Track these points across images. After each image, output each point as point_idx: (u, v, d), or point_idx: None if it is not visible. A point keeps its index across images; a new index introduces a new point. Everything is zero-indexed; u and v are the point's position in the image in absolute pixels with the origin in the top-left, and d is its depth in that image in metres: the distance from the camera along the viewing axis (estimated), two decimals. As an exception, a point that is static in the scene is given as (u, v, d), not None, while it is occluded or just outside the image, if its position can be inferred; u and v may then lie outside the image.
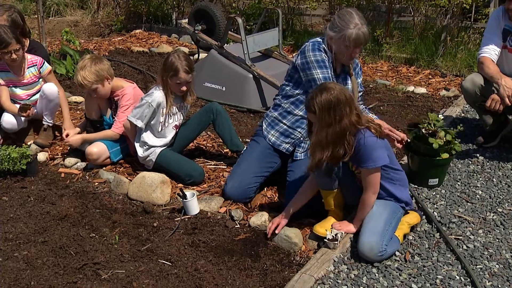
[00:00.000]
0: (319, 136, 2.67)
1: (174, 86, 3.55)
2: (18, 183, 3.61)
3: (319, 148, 2.68)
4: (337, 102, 2.62)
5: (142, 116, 3.55)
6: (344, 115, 2.64)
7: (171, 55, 3.51)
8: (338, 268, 2.70)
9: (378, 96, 5.58)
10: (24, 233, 3.01)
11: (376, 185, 2.79)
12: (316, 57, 3.19)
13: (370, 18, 7.56)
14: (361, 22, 3.08)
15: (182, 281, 2.61)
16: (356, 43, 3.09)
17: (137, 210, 3.30)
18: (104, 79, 3.73)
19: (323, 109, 2.62)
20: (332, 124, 2.63)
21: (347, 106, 2.65)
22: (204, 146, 4.21)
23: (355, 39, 3.07)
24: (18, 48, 3.93)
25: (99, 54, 6.96)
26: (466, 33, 6.78)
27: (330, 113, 2.62)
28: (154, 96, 3.54)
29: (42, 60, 4.17)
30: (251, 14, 8.17)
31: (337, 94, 2.63)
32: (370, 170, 2.74)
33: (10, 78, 4.12)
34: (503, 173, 3.76)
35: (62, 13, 9.87)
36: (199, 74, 5.53)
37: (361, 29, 3.07)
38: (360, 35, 3.07)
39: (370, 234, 2.71)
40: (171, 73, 3.48)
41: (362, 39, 3.09)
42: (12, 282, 2.57)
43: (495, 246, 2.90)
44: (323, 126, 2.65)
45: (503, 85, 3.68)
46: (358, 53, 3.22)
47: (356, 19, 3.07)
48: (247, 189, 3.30)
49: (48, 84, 4.13)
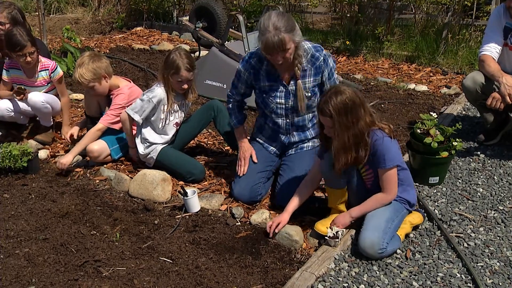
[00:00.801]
0: (341, 140, 2.67)
1: (176, 84, 3.53)
2: (19, 181, 3.61)
3: (343, 152, 2.69)
4: (353, 104, 2.62)
5: (140, 111, 3.55)
6: (360, 117, 2.65)
7: (172, 53, 3.50)
8: (339, 265, 2.70)
9: (379, 94, 5.58)
10: (25, 230, 3.01)
11: (394, 187, 2.79)
12: (238, 68, 3.31)
13: (372, 15, 7.56)
14: (275, 27, 2.85)
15: (183, 278, 2.61)
16: (266, 50, 2.96)
17: (138, 207, 3.30)
18: (101, 77, 3.73)
19: (340, 112, 2.61)
20: (351, 127, 2.64)
21: (361, 108, 2.66)
22: (205, 144, 4.21)
23: (264, 47, 2.95)
24: (33, 51, 3.91)
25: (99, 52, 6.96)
26: (468, 30, 6.77)
27: (348, 116, 2.62)
28: (155, 92, 3.54)
29: (55, 65, 4.15)
30: (252, 12, 8.16)
31: (352, 97, 2.63)
32: (386, 170, 2.74)
33: (20, 76, 4.11)
34: (504, 171, 3.76)
35: (63, 10, 9.87)
36: (200, 72, 5.53)
37: (269, 35, 2.87)
38: (269, 42, 2.88)
39: (372, 230, 2.71)
40: (172, 71, 3.47)
41: (271, 47, 2.89)
42: (13, 279, 2.58)
43: (496, 244, 2.90)
44: (343, 130, 2.65)
45: (504, 83, 3.67)
46: (280, 58, 2.96)
47: (269, 25, 2.87)
48: (254, 187, 3.29)
49: (32, 94, 4.02)
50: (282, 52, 2.93)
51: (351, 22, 7.62)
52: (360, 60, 6.93)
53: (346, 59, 7.01)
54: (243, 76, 3.29)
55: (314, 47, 3.20)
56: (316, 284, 2.54)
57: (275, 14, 2.92)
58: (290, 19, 2.94)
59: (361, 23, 7.55)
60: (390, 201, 2.82)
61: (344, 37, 7.31)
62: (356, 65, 6.77)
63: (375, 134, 2.73)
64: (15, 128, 4.31)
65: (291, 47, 2.94)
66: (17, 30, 3.86)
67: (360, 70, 6.53)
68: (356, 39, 7.23)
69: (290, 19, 2.94)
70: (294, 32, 2.94)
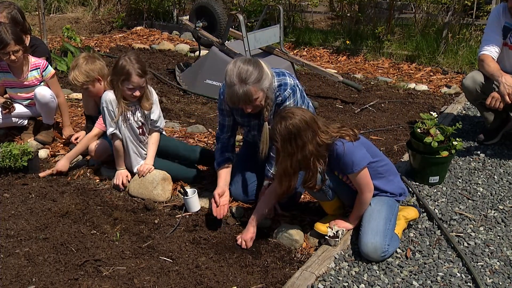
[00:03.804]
0: (283, 166, 2.63)
1: (126, 92, 3.29)
2: (20, 180, 3.61)
3: (285, 177, 2.66)
4: (297, 131, 2.54)
5: (109, 123, 3.38)
6: (306, 142, 2.56)
7: (122, 58, 3.26)
8: (339, 265, 2.70)
9: (379, 93, 5.58)
10: (26, 229, 3.01)
11: (369, 184, 2.77)
12: (218, 102, 3.20)
13: (372, 15, 7.56)
14: (240, 79, 2.76)
15: (183, 278, 2.61)
16: (233, 104, 2.89)
17: (138, 207, 3.30)
18: (94, 80, 3.69)
19: (284, 139, 2.56)
20: (295, 153, 2.57)
21: (308, 132, 2.56)
22: (205, 143, 4.21)
23: (230, 101, 2.89)
24: (18, 50, 3.86)
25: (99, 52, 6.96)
26: (468, 30, 6.77)
27: (292, 143, 2.56)
28: (104, 97, 3.35)
29: (45, 64, 4.11)
30: (252, 11, 8.16)
31: (297, 122, 2.54)
32: (358, 173, 2.70)
33: (9, 79, 4.08)
34: (504, 170, 3.76)
35: (63, 10, 9.86)
36: (200, 71, 5.53)
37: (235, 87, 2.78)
38: (234, 96, 2.80)
39: (373, 235, 2.71)
40: (122, 77, 3.23)
41: (237, 101, 2.82)
42: (13, 279, 2.58)
43: (496, 243, 2.90)
44: (285, 156, 2.60)
45: (504, 82, 3.67)
46: (250, 107, 2.87)
47: (234, 78, 2.77)
48: (249, 186, 3.29)
49: (40, 88, 4.04)
50: (249, 103, 2.84)
51: (351, 21, 7.62)
52: (360, 59, 6.93)
53: (346, 58, 7.01)
54: (224, 109, 3.14)
55: (279, 86, 3.01)
56: (316, 283, 2.55)
57: (241, 63, 2.81)
58: (256, 67, 2.80)
59: (361, 23, 7.55)
60: (371, 196, 2.80)
61: (344, 37, 7.31)
62: (356, 64, 6.77)
63: (335, 144, 2.65)
64: (15, 128, 4.31)
65: (259, 96, 2.82)
66: (2, 27, 3.81)
67: (360, 70, 6.53)
68: (356, 39, 7.23)
69: (256, 66, 2.81)
70: (262, 80, 2.80)
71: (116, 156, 3.51)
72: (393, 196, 2.91)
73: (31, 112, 4.25)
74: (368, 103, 5.21)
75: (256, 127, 3.20)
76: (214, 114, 4.92)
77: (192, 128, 4.46)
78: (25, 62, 4.03)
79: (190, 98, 5.41)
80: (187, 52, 7.26)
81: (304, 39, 7.61)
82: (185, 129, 4.46)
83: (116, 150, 3.47)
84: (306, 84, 5.92)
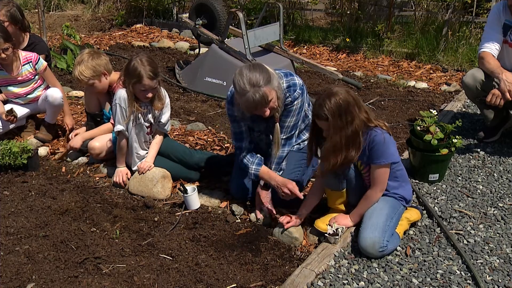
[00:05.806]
0: (333, 141, 2.68)
1: (139, 93, 3.31)
2: (19, 178, 3.61)
3: (333, 153, 2.70)
4: (346, 105, 2.62)
5: (118, 120, 3.39)
6: (355, 116, 2.65)
7: (133, 60, 3.25)
8: (338, 262, 2.71)
9: (379, 91, 5.58)
10: (25, 227, 3.02)
11: (384, 182, 2.81)
12: (228, 111, 3.12)
13: (371, 12, 7.55)
14: (252, 84, 2.73)
15: (183, 275, 2.61)
16: (250, 110, 2.86)
17: (138, 204, 3.31)
18: (101, 75, 3.72)
19: (335, 114, 2.61)
20: (345, 127, 2.64)
21: (355, 107, 2.66)
22: (205, 141, 4.21)
23: (247, 108, 2.85)
24: (7, 48, 3.85)
25: (99, 49, 6.96)
26: (468, 27, 6.76)
27: (342, 117, 2.62)
28: (118, 95, 3.35)
29: (37, 57, 4.10)
30: (252, 9, 8.15)
31: (345, 97, 2.63)
32: (382, 166, 2.75)
33: (3, 76, 4.07)
34: (504, 168, 3.76)
35: (62, 7, 9.86)
36: (200, 69, 5.53)
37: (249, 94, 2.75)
38: (251, 102, 2.77)
39: (372, 229, 2.72)
40: (134, 79, 3.24)
41: (254, 106, 2.80)
42: (13, 276, 2.58)
43: (496, 241, 2.90)
44: (336, 131, 2.66)
45: (504, 79, 3.67)
46: (267, 110, 2.84)
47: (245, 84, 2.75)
48: (245, 184, 3.29)
49: (52, 90, 4.08)
50: (266, 105, 2.82)
51: (351, 19, 7.61)
52: (360, 57, 6.92)
53: (346, 56, 7.00)
54: (237, 115, 3.08)
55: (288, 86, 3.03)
56: (316, 281, 2.55)
57: (247, 70, 2.78)
58: (262, 69, 2.80)
59: (361, 20, 7.54)
60: (379, 197, 2.84)
61: (344, 34, 7.30)
62: (356, 62, 6.76)
63: (374, 130, 2.73)
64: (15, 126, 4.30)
65: (273, 96, 2.82)
66: None
67: (360, 67, 6.52)
68: (356, 36, 7.22)
69: (262, 69, 2.81)
70: (272, 80, 2.80)
71: (118, 154, 3.52)
72: (401, 200, 2.92)
73: (30, 109, 4.25)
74: (368, 101, 5.20)
75: (264, 130, 3.19)
76: (214, 112, 4.92)
77: (191, 126, 4.46)
78: (15, 58, 4.02)
79: (189, 96, 5.41)
80: (186, 49, 7.25)
81: (304, 36, 7.60)
82: (185, 127, 4.46)
83: (120, 148, 3.48)
84: (306, 82, 5.92)
